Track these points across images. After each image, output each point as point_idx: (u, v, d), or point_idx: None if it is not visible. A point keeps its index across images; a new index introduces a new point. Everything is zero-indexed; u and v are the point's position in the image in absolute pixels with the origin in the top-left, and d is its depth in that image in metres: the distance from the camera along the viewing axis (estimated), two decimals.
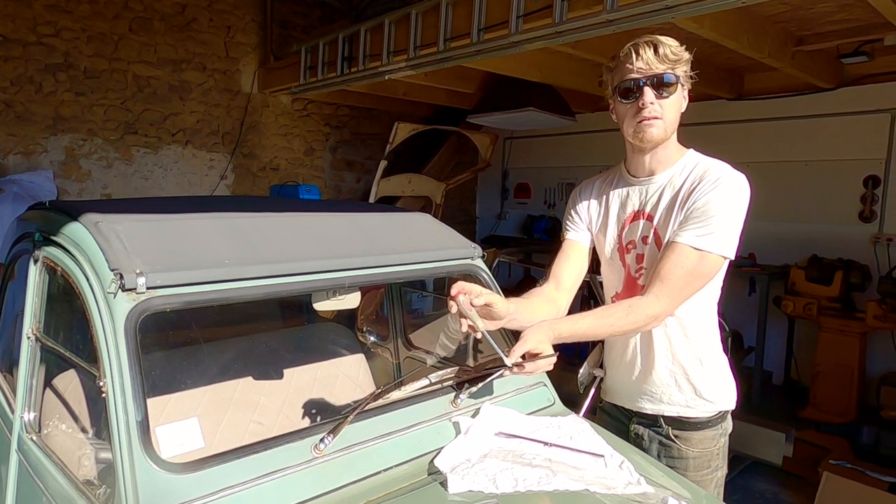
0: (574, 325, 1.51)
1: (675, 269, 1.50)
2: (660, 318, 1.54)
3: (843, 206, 4.77)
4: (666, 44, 1.51)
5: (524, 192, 7.31)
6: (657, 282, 1.52)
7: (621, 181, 1.73)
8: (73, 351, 1.54)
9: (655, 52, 1.50)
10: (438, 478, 1.40)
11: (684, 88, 1.58)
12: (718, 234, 1.49)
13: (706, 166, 1.59)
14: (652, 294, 1.51)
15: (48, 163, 4.73)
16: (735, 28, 3.36)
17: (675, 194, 1.59)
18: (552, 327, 1.47)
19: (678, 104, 1.57)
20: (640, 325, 1.54)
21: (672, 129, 1.59)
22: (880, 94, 4.51)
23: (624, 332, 1.57)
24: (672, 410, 1.68)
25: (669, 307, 1.53)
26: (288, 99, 5.99)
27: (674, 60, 1.51)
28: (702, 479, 1.68)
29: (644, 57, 1.51)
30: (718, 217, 1.49)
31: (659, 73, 1.51)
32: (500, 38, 3.40)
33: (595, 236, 1.80)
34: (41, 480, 1.49)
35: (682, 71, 1.54)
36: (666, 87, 1.52)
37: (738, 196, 1.53)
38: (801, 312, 4.50)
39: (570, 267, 1.79)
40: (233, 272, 1.42)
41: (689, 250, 1.50)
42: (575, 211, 1.82)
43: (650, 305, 1.51)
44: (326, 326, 2.57)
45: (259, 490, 1.25)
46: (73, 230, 1.47)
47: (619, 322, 1.51)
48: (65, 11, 4.65)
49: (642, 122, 1.55)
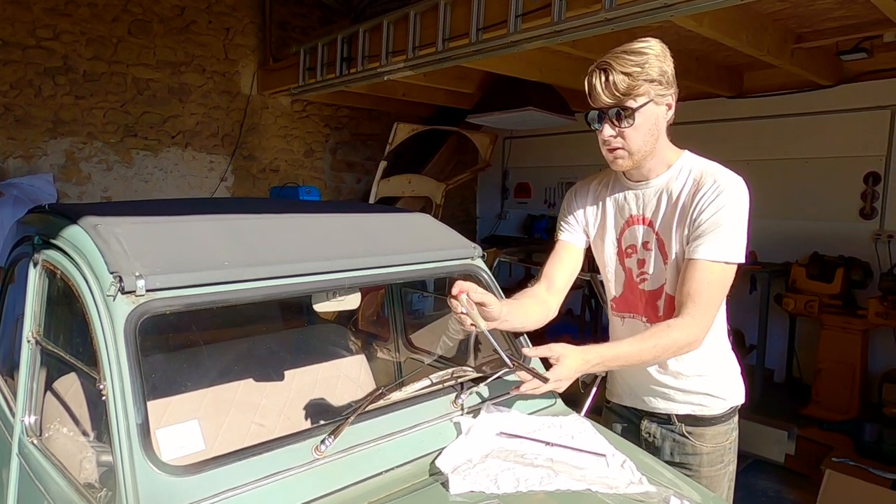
0: (613, 349, 1.51)
1: (703, 286, 1.49)
2: (699, 339, 1.51)
3: (843, 203, 4.76)
4: (618, 70, 1.44)
5: (524, 192, 7.31)
6: (689, 302, 1.49)
7: (617, 184, 1.71)
8: (73, 354, 1.53)
9: (606, 81, 1.46)
10: (440, 478, 1.40)
11: (660, 102, 1.50)
12: (732, 242, 1.50)
13: (702, 170, 1.57)
14: (687, 315, 1.49)
15: (48, 166, 4.73)
16: (734, 26, 3.36)
17: (674, 201, 1.58)
18: (585, 355, 1.45)
19: (646, 127, 1.50)
20: (680, 345, 1.49)
21: (642, 152, 1.54)
22: (880, 91, 4.51)
23: (664, 356, 1.53)
24: (685, 408, 1.68)
25: (706, 324, 1.51)
26: (287, 100, 5.99)
27: (626, 90, 1.44)
28: (716, 473, 1.68)
29: (597, 88, 1.48)
30: (728, 226, 1.50)
31: (610, 105, 1.48)
32: (498, 37, 3.40)
33: (593, 240, 1.79)
34: (42, 484, 1.48)
35: (645, 91, 1.45)
36: (620, 118, 1.48)
37: (741, 202, 1.53)
38: (802, 310, 4.50)
39: (563, 268, 1.78)
40: (233, 274, 1.42)
41: (711, 265, 1.49)
42: (570, 212, 1.81)
43: (688, 326, 1.48)
44: (327, 328, 2.57)
45: (260, 492, 1.25)
46: (73, 233, 1.47)
47: (660, 344, 1.47)
48: (64, 15, 4.66)
49: (609, 152, 1.55)
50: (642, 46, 1.46)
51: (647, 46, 1.46)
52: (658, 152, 1.58)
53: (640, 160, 1.56)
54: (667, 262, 1.61)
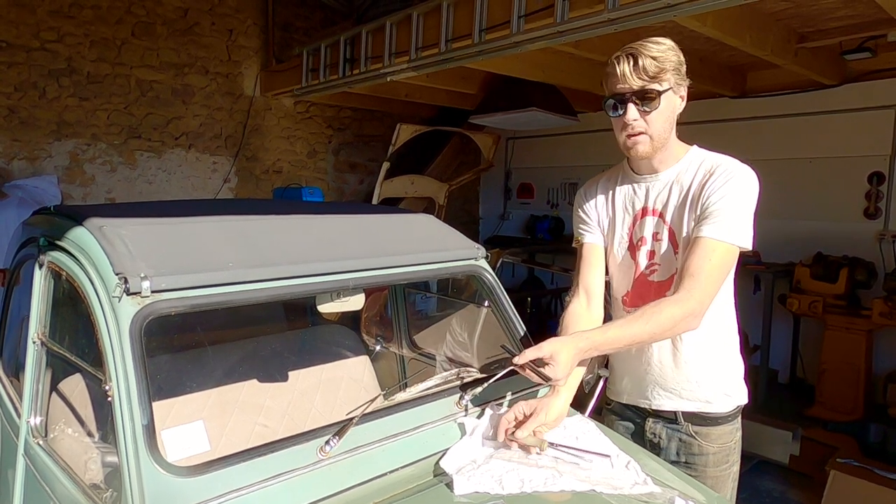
0: (604, 332, 1.49)
1: (703, 263, 1.49)
2: (696, 313, 1.48)
3: (847, 203, 4.75)
4: (646, 55, 1.49)
5: (527, 193, 7.30)
6: (687, 277, 1.49)
7: (626, 179, 1.73)
8: (78, 355, 1.54)
9: (635, 65, 1.49)
10: (444, 479, 1.40)
11: (677, 92, 1.56)
12: (738, 226, 1.51)
13: (713, 161, 1.60)
14: (684, 289, 1.48)
15: (52, 168, 4.75)
16: (737, 25, 3.35)
17: (685, 192, 1.60)
18: (576, 343, 1.45)
19: (666, 113, 1.55)
20: (676, 320, 1.46)
21: (662, 139, 1.58)
22: (884, 91, 4.49)
23: (660, 334, 1.50)
24: (692, 406, 1.68)
25: (704, 300, 1.49)
26: (290, 101, 6.00)
27: (655, 73, 1.49)
28: (721, 474, 1.68)
29: (624, 71, 1.50)
30: (735, 210, 1.51)
31: (637, 88, 1.51)
32: (501, 38, 3.40)
33: (606, 236, 1.80)
34: (48, 485, 1.49)
35: (668, 78, 1.52)
36: (648, 101, 1.52)
37: (750, 188, 1.55)
38: (806, 310, 4.49)
39: (595, 272, 1.78)
40: (237, 275, 1.42)
41: (714, 243, 1.50)
42: (584, 213, 1.81)
43: (683, 300, 1.46)
44: (331, 329, 2.57)
45: (265, 493, 1.25)
46: (78, 235, 1.47)
47: (654, 321, 1.45)
48: (68, 17, 4.67)
49: (629, 138, 1.57)
50: (661, 39, 1.54)
51: (664, 40, 1.54)
52: (670, 145, 1.62)
53: (658, 147, 1.59)
54: (677, 252, 1.61)
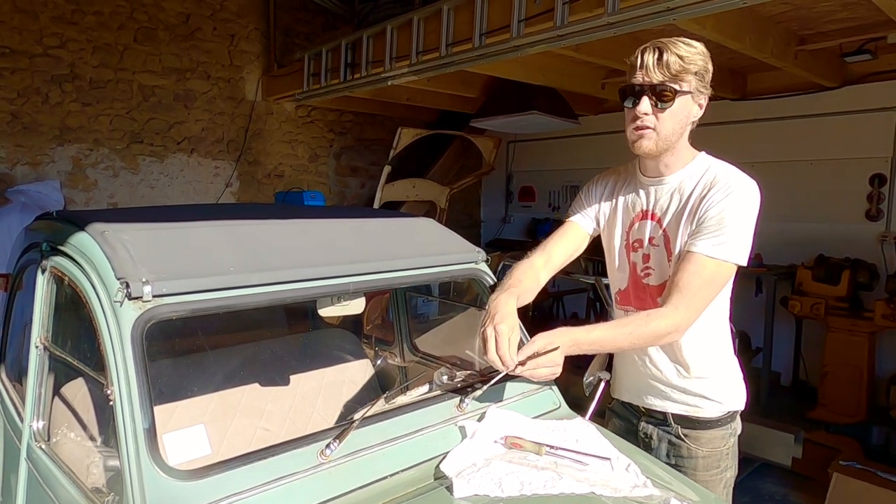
0: (589, 332, 1.50)
1: (692, 278, 1.49)
2: (680, 329, 1.51)
3: (849, 205, 4.75)
4: (673, 51, 1.46)
5: (528, 196, 7.31)
6: (675, 292, 1.50)
7: (633, 179, 1.74)
8: (80, 359, 1.55)
9: (659, 59, 1.47)
10: (444, 482, 1.40)
11: (696, 99, 1.54)
12: (732, 242, 1.49)
13: (716, 172, 1.58)
14: (671, 304, 1.49)
15: (55, 173, 4.77)
16: (737, 28, 3.36)
17: (685, 200, 1.59)
18: (568, 334, 1.47)
19: (679, 115, 1.53)
20: (660, 334, 1.50)
21: (669, 141, 1.55)
22: (885, 93, 4.49)
23: (641, 343, 1.54)
24: (680, 408, 1.68)
25: (689, 317, 1.50)
26: (292, 106, 6.02)
27: (677, 71, 1.47)
28: (711, 479, 1.68)
29: (647, 63, 1.49)
30: (731, 226, 1.49)
31: (656, 83, 1.49)
32: (501, 42, 3.41)
33: (603, 231, 1.81)
34: (50, 488, 1.50)
35: (690, 80, 1.49)
36: (663, 98, 1.49)
37: (749, 204, 1.53)
38: (808, 312, 4.48)
39: (565, 247, 1.80)
40: (238, 279, 1.43)
41: (706, 259, 1.49)
42: (585, 199, 1.83)
43: (669, 315, 1.48)
44: (332, 332, 2.57)
45: (266, 496, 1.26)
46: (80, 240, 1.48)
47: (638, 331, 1.48)
48: (70, 23, 4.70)
49: (636, 131, 1.55)
50: (694, 42, 1.52)
51: (697, 43, 1.52)
52: (679, 149, 1.60)
53: (664, 148, 1.57)
54: (671, 259, 1.62)
